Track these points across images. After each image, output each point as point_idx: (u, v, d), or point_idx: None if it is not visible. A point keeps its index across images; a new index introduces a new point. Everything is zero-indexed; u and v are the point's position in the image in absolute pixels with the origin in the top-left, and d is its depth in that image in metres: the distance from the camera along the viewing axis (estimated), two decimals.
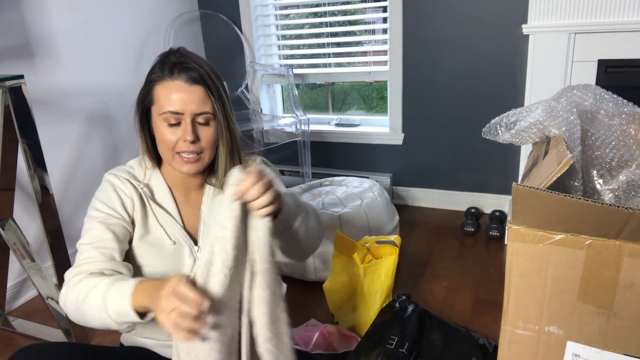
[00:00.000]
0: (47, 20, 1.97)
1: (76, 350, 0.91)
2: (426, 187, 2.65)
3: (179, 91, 0.91)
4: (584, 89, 1.11)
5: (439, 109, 2.47)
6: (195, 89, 0.91)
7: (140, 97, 0.96)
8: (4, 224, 1.64)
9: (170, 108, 0.91)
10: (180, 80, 0.91)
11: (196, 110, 0.92)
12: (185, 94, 0.91)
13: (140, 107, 0.97)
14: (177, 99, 0.90)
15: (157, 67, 0.94)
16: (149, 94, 0.94)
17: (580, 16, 1.87)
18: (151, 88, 0.94)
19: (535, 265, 0.82)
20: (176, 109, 0.91)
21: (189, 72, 0.91)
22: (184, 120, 0.92)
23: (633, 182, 0.92)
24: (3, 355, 1.61)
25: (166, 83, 0.91)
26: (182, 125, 0.92)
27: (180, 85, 0.91)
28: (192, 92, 0.91)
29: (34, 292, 1.96)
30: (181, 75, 0.91)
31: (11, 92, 1.42)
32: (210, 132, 0.95)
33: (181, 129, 0.92)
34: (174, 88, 0.91)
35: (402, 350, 1.26)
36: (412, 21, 2.37)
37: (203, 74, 0.92)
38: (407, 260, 2.07)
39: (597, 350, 0.81)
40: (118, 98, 2.33)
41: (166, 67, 0.92)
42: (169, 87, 0.91)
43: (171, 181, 1.03)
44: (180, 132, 0.92)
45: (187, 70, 0.91)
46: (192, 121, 0.92)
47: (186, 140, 0.92)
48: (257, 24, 2.79)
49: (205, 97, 0.92)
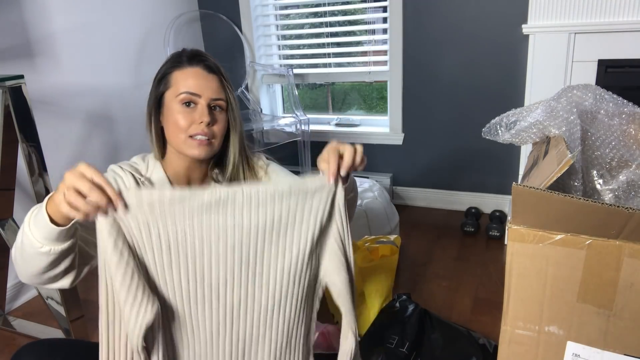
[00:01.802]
0: (47, 20, 1.97)
1: (81, 347, 0.92)
2: (426, 187, 2.64)
3: (198, 77, 0.94)
4: (584, 89, 1.11)
5: (439, 109, 2.47)
6: (212, 77, 0.95)
7: (155, 84, 0.98)
8: (4, 224, 1.64)
9: (188, 89, 0.93)
10: (199, 67, 0.95)
11: (213, 95, 0.94)
12: (203, 80, 0.94)
13: (154, 95, 0.98)
14: (196, 83, 0.93)
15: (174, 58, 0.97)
16: (165, 79, 0.96)
17: (580, 16, 1.87)
18: (168, 73, 0.96)
19: (535, 265, 0.82)
20: (194, 90, 0.93)
21: (206, 62, 0.96)
22: (200, 104, 0.94)
23: (633, 182, 0.92)
24: (3, 355, 1.61)
25: (185, 69, 0.95)
26: (198, 108, 0.94)
27: (199, 72, 0.94)
28: (209, 79, 0.95)
29: (34, 292, 1.96)
30: (199, 64, 0.95)
31: (11, 92, 1.42)
32: (224, 119, 0.97)
33: (197, 111, 0.94)
34: (192, 73, 0.94)
35: (402, 350, 1.26)
36: (412, 21, 2.37)
37: (219, 66, 0.97)
38: (407, 260, 2.07)
39: (597, 350, 0.81)
40: (118, 98, 2.33)
41: (184, 57, 0.96)
42: (188, 72, 0.94)
43: (173, 173, 1.02)
44: (196, 114, 0.94)
45: (204, 60, 0.96)
46: (208, 105, 0.94)
47: (202, 121, 0.93)
48: (257, 24, 2.79)
49: (221, 86, 0.96)
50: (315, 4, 2.62)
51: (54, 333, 1.68)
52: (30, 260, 0.74)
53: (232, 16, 2.78)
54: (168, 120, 0.96)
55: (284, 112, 3.01)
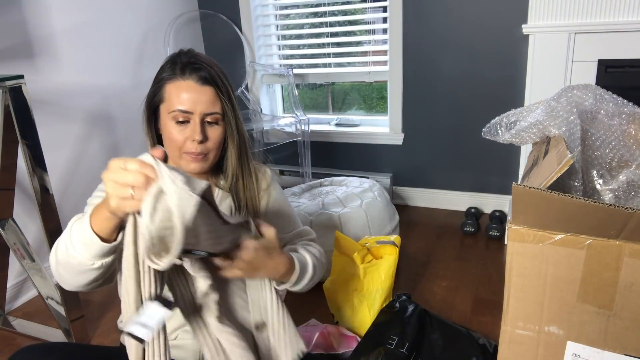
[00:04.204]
0: (47, 20, 1.97)
1: (76, 350, 0.92)
2: (426, 187, 2.65)
3: (190, 91, 0.91)
4: (584, 89, 1.10)
5: (439, 109, 2.47)
6: (205, 89, 0.92)
7: (150, 94, 0.96)
8: (4, 224, 1.64)
9: (180, 107, 0.91)
10: (192, 80, 0.91)
11: (206, 110, 0.92)
12: (196, 94, 0.91)
13: (149, 105, 0.97)
14: (188, 98, 0.91)
15: (168, 67, 0.94)
16: (158, 92, 0.94)
17: (580, 16, 1.87)
18: (161, 86, 0.94)
19: (535, 265, 0.82)
20: (186, 108, 0.91)
21: (200, 72, 0.92)
22: (192, 120, 0.92)
23: (633, 182, 0.92)
24: (3, 355, 1.61)
25: (177, 82, 0.92)
26: (191, 124, 0.92)
27: (191, 85, 0.91)
28: (202, 92, 0.91)
29: (34, 292, 1.96)
30: (192, 75, 0.91)
31: (11, 92, 1.42)
32: (218, 132, 0.95)
33: (189, 128, 0.92)
34: (184, 87, 0.91)
35: (402, 350, 1.26)
36: (412, 21, 2.37)
37: (214, 75, 0.93)
38: (407, 260, 2.07)
39: (597, 350, 0.81)
40: (118, 98, 2.33)
41: (177, 67, 0.92)
42: (180, 86, 0.91)
43: None
44: (188, 131, 0.92)
45: (198, 71, 0.92)
46: (201, 121, 0.92)
47: (194, 140, 0.91)
48: (257, 24, 2.79)
49: (215, 97, 0.92)
50: (315, 4, 2.62)
51: (54, 333, 1.68)
52: (81, 275, 0.77)
53: (232, 16, 2.78)
54: (164, 133, 0.95)
55: (284, 112, 3.01)
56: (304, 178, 2.62)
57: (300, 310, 1.69)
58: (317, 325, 1.53)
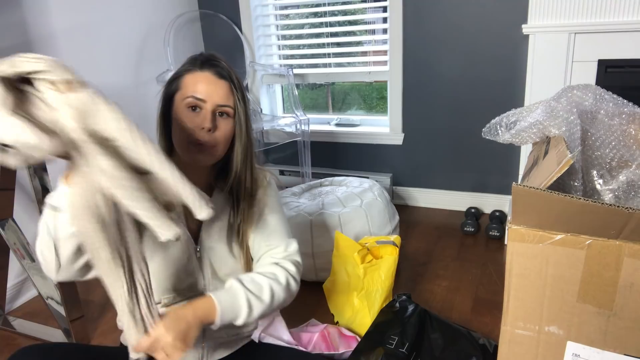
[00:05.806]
0: (47, 20, 1.97)
1: (76, 350, 0.92)
2: (426, 187, 2.65)
3: (206, 82, 0.94)
4: (584, 89, 1.11)
5: (439, 109, 2.47)
6: (222, 83, 0.95)
7: (167, 83, 0.99)
8: (4, 224, 1.64)
9: (195, 94, 0.93)
10: (209, 72, 0.95)
11: (219, 101, 0.94)
12: (212, 86, 0.94)
13: (164, 94, 0.98)
14: (203, 88, 0.94)
15: (188, 62, 0.98)
16: (175, 81, 0.97)
17: (580, 16, 1.87)
18: (180, 77, 0.97)
19: (535, 265, 0.82)
20: (200, 96, 0.93)
21: (218, 67, 0.95)
22: (204, 109, 0.94)
23: (633, 182, 0.92)
24: (3, 355, 1.61)
25: (195, 73, 0.95)
26: (202, 112, 0.94)
27: (208, 77, 0.94)
28: (218, 85, 0.94)
29: (34, 292, 1.96)
30: (210, 69, 0.95)
31: None
32: (228, 125, 0.96)
33: (200, 116, 0.93)
34: (201, 78, 0.94)
35: (402, 350, 1.26)
36: (412, 21, 2.37)
37: (230, 73, 0.97)
38: (407, 260, 2.07)
39: (597, 350, 0.81)
40: (118, 98, 2.30)
41: (197, 62, 0.96)
42: (197, 76, 0.94)
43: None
44: (199, 119, 0.93)
45: (216, 66, 0.96)
46: (213, 112, 0.94)
47: (204, 127, 0.93)
48: (257, 24, 2.79)
49: (229, 92, 0.95)
50: (315, 4, 2.62)
51: (54, 333, 1.68)
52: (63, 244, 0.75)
53: (232, 16, 2.78)
54: (174, 123, 0.96)
55: (284, 112, 3.01)
56: (304, 178, 2.62)
57: (300, 310, 1.69)
58: (317, 325, 1.53)
